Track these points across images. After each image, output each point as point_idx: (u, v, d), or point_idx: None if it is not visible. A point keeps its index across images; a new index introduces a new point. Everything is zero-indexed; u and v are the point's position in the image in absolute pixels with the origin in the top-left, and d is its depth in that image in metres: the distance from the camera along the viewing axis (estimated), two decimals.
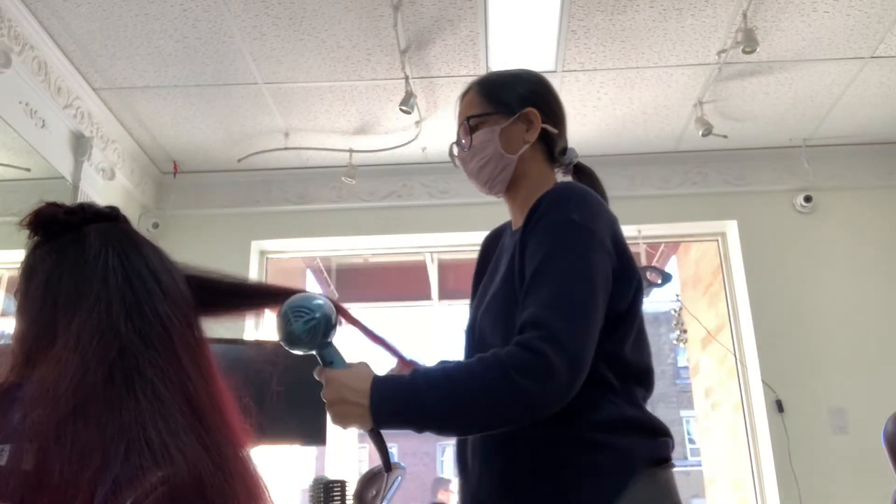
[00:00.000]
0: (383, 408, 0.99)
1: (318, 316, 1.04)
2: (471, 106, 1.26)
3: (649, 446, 1.09)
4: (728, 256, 3.73)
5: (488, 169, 1.23)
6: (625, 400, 1.09)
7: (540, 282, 1.04)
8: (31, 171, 2.83)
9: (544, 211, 1.11)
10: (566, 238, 1.07)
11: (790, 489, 3.18)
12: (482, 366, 0.99)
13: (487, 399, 0.97)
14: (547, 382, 0.96)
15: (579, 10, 2.64)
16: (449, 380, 0.99)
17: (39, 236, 0.90)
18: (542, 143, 1.25)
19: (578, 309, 1.01)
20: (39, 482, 0.68)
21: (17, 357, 0.81)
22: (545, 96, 1.27)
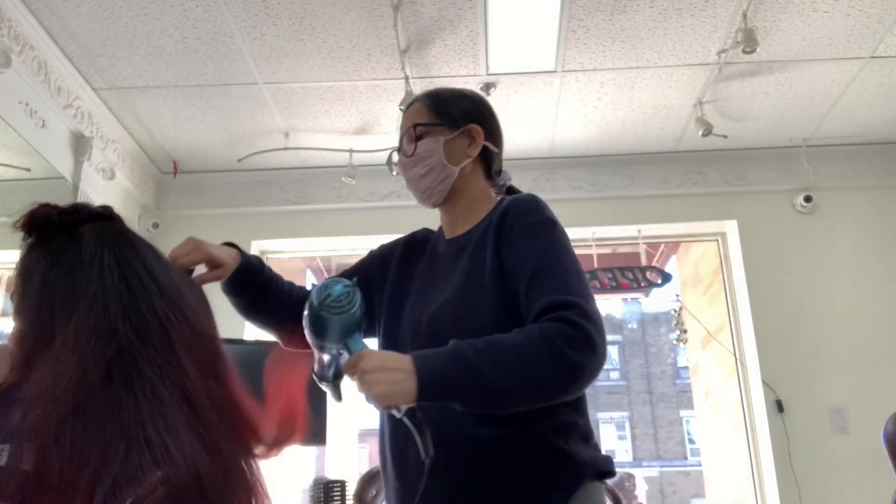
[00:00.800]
0: (431, 372, 0.98)
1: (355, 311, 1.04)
2: (418, 115, 1.30)
3: (598, 458, 1.12)
4: (728, 256, 3.73)
5: (430, 178, 1.27)
6: (575, 409, 1.13)
7: (550, 273, 1.09)
8: (31, 171, 2.83)
9: (519, 215, 1.17)
10: (556, 236, 1.15)
11: (790, 489, 3.18)
12: (528, 337, 1.01)
13: (541, 369, 0.99)
14: (591, 354, 1.00)
15: (579, 10, 2.64)
16: (498, 349, 1.00)
17: (34, 238, 0.89)
18: (482, 160, 1.31)
19: (590, 293, 1.09)
20: (39, 482, 0.68)
21: (16, 358, 0.81)
22: (487, 117, 1.32)
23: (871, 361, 3.35)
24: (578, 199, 3.68)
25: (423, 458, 0.99)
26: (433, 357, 1.00)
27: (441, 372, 0.98)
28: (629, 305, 20.17)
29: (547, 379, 1.00)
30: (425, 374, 0.97)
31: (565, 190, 3.69)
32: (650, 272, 3.59)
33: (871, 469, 2.71)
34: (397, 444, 1.16)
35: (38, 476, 0.68)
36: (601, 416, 20.02)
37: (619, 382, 20.29)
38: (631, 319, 20.94)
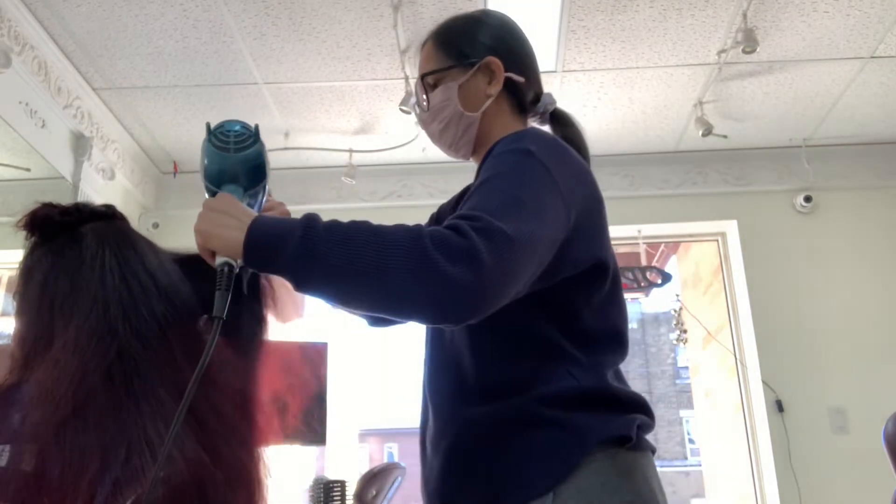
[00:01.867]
0: (262, 231, 0.82)
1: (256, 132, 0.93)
2: (428, 60, 1.14)
3: (610, 423, 0.94)
4: (728, 256, 3.73)
5: (450, 131, 1.11)
6: (586, 371, 0.96)
7: (479, 192, 0.89)
8: (31, 171, 2.83)
9: (503, 144, 0.98)
10: (517, 163, 0.93)
11: (790, 489, 3.18)
12: (405, 227, 0.82)
13: (392, 265, 0.77)
14: (468, 270, 0.77)
15: (579, 10, 2.64)
16: (354, 230, 0.82)
17: (36, 237, 0.89)
18: (509, 94, 1.11)
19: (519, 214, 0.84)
20: (39, 484, 0.68)
21: (16, 359, 0.81)
22: (508, 41, 1.13)
23: (871, 361, 3.35)
24: None
25: (213, 316, 0.81)
26: (279, 219, 0.85)
27: (273, 233, 0.82)
28: (629, 305, 20.15)
29: (397, 280, 0.77)
30: (255, 230, 0.82)
31: None
32: (650, 272, 3.59)
33: (871, 469, 2.71)
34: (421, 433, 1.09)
35: (38, 477, 0.68)
36: None
37: None
38: (631, 319, 20.90)
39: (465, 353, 1.00)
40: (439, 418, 1.02)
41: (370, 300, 0.82)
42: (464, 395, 0.99)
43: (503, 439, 0.94)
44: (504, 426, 0.94)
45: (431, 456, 1.02)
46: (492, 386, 0.97)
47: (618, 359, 1.03)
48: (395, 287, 0.78)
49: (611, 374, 1.01)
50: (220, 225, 0.85)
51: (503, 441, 0.94)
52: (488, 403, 0.95)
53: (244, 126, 0.95)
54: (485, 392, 0.97)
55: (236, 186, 0.94)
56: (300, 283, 0.82)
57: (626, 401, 0.98)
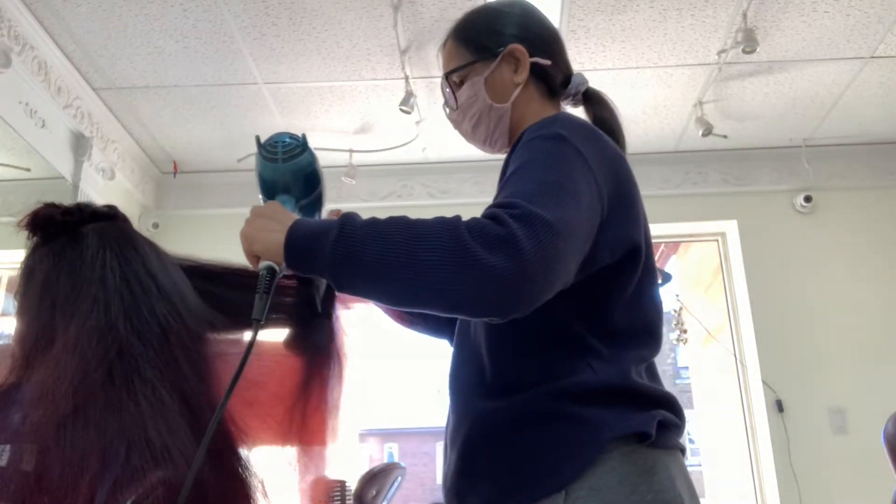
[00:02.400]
0: (302, 231, 0.83)
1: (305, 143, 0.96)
2: (450, 58, 1.12)
3: (627, 418, 0.89)
4: (728, 256, 3.73)
5: (483, 126, 1.09)
6: (608, 365, 0.91)
7: (514, 180, 0.87)
8: (31, 171, 2.83)
9: (532, 131, 0.95)
10: (546, 146, 0.90)
11: (790, 489, 3.18)
12: (441, 219, 0.81)
13: (430, 258, 0.76)
14: (508, 258, 0.74)
15: (579, 10, 2.64)
16: (388, 224, 0.82)
17: (38, 237, 0.90)
18: (538, 79, 1.09)
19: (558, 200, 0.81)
20: (39, 483, 0.68)
21: (17, 358, 0.81)
22: (530, 26, 1.10)
23: (871, 361, 3.35)
24: None
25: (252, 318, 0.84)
26: (319, 221, 0.85)
27: (311, 234, 0.82)
28: None
29: (434, 273, 0.76)
30: (294, 231, 0.83)
31: None
32: None
33: (871, 469, 2.71)
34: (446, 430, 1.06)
35: (38, 477, 0.68)
36: None
37: None
38: None
39: (483, 347, 0.97)
40: (456, 414, 1.00)
41: (410, 296, 0.80)
42: (480, 390, 0.96)
43: (515, 434, 0.90)
44: (516, 421, 0.91)
45: (449, 452, 1.00)
46: (508, 380, 0.94)
47: (647, 353, 0.99)
48: (433, 280, 0.76)
49: (637, 370, 0.96)
50: (264, 229, 0.86)
51: (515, 436, 0.90)
52: (503, 398, 0.92)
53: (292, 136, 0.97)
54: (501, 386, 0.94)
55: (288, 196, 0.97)
56: (340, 283, 0.82)
57: (647, 396, 0.93)
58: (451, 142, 3.40)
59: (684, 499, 0.89)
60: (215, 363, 0.89)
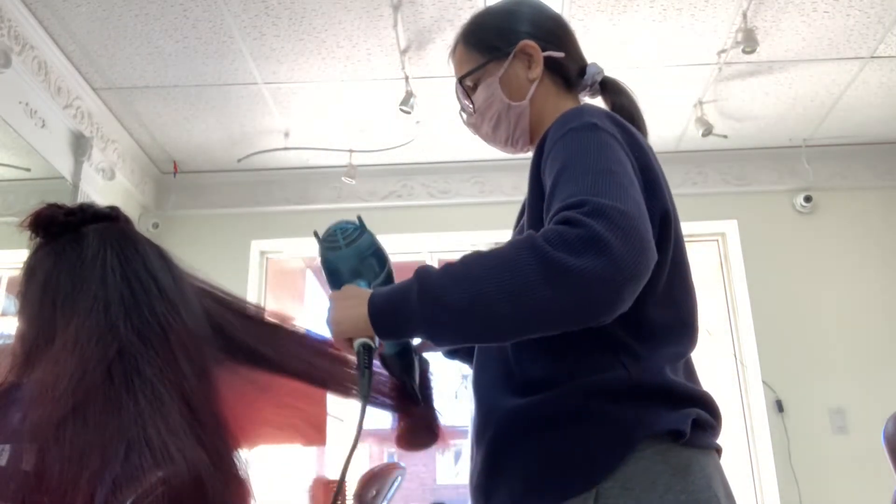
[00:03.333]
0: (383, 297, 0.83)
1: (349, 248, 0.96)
2: (461, 63, 1.10)
3: (660, 416, 0.86)
4: (728, 256, 3.73)
5: (503, 127, 1.08)
6: (642, 362, 0.89)
7: (566, 180, 0.84)
8: (31, 171, 2.83)
9: (555, 130, 0.93)
10: (585, 137, 0.88)
11: (790, 489, 3.18)
12: (511, 246, 0.78)
13: (519, 281, 0.74)
14: (596, 256, 0.73)
15: (579, 10, 2.64)
16: (464, 264, 0.80)
17: (40, 237, 0.90)
18: (553, 73, 1.08)
19: (615, 190, 0.79)
20: (39, 482, 0.68)
21: (17, 357, 0.82)
22: (540, 21, 1.09)
23: (871, 361, 3.35)
24: None
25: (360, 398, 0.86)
26: (396, 284, 0.85)
27: (393, 297, 0.82)
28: None
29: (529, 292, 0.74)
30: (375, 298, 0.84)
31: None
32: None
33: (871, 469, 2.71)
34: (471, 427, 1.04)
35: (38, 476, 0.68)
36: None
37: None
38: None
39: (510, 345, 0.94)
40: (481, 412, 0.97)
41: (516, 327, 0.79)
42: (507, 388, 0.94)
43: (544, 432, 0.88)
44: (546, 419, 0.88)
45: (475, 450, 0.98)
46: (536, 378, 0.91)
47: (683, 350, 0.97)
48: (533, 304, 0.75)
49: (672, 367, 0.93)
50: (345, 308, 0.87)
51: (544, 434, 0.88)
52: (532, 396, 0.89)
53: (348, 222, 0.99)
54: (528, 383, 0.91)
55: (360, 280, 0.97)
56: (436, 337, 0.82)
57: (682, 394, 0.90)
58: (451, 142, 3.40)
59: (720, 499, 0.86)
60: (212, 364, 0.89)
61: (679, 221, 0.97)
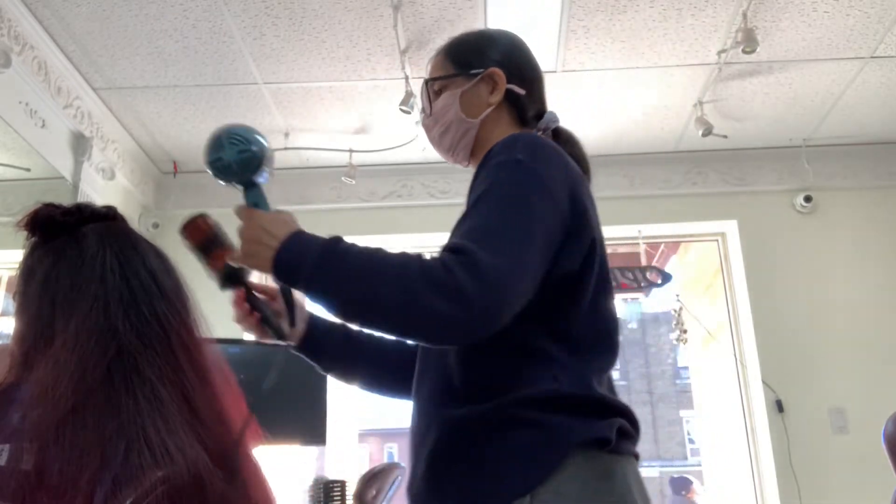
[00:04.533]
0: (290, 252, 0.93)
1: (254, 149, 1.01)
2: (435, 69, 1.20)
3: (589, 425, 0.94)
4: (728, 256, 3.73)
5: (450, 135, 1.16)
6: (570, 375, 0.97)
7: (469, 216, 0.94)
8: (31, 171, 2.83)
9: (497, 150, 1.01)
10: (506, 178, 0.96)
11: (790, 489, 3.18)
12: (401, 260, 0.89)
13: (390, 299, 0.87)
14: (448, 303, 0.84)
15: (579, 10, 2.64)
16: (363, 258, 0.91)
17: (37, 237, 0.90)
18: (511, 105, 1.15)
19: (508, 246, 0.89)
20: (39, 482, 0.68)
21: (16, 357, 0.81)
22: (514, 56, 1.17)
23: (870, 361, 3.35)
24: None
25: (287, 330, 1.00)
26: (308, 241, 0.95)
27: (300, 256, 0.93)
28: (629, 305, 20.17)
29: (392, 313, 0.87)
30: (284, 251, 0.93)
31: None
32: (650, 272, 3.59)
33: (871, 469, 2.71)
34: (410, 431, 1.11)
35: (38, 476, 0.68)
36: None
37: (619, 382, 20.19)
38: (631, 319, 20.93)
39: (451, 355, 1.01)
40: (422, 421, 1.03)
41: (372, 327, 0.93)
42: (447, 397, 1.00)
43: (482, 440, 0.94)
44: (483, 427, 0.95)
45: (415, 458, 1.03)
46: (474, 387, 0.98)
47: (606, 364, 1.05)
48: (384, 314, 0.88)
49: (597, 380, 1.01)
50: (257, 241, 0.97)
51: (483, 442, 0.94)
52: (469, 405, 0.96)
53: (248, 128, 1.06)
54: (467, 393, 0.98)
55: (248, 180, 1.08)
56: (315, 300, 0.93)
57: (607, 405, 0.98)
58: None
59: (637, 500, 0.94)
60: (214, 364, 0.89)
61: (604, 245, 1.06)
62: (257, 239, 0.95)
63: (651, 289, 3.73)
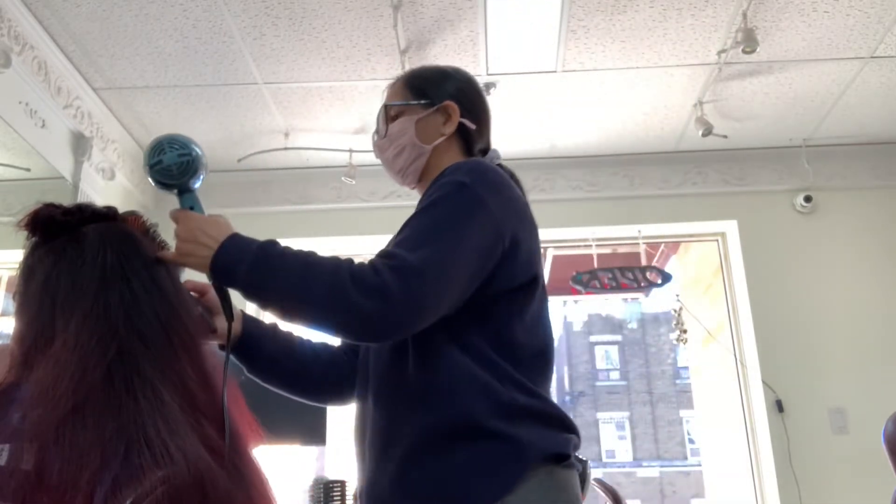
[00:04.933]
0: (227, 256, 0.99)
1: (192, 155, 1.08)
2: (394, 95, 1.29)
3: (550, 439, 1.03)
4: (728, 256, 3.73)
5: (402, 158, 1.24)
6: (517, 387, 1.04)
7: (408, 226, 1.04)
8: (31, 171, 2.83)
9: (449, 172, 1.11)
10: (449, 196, 1.05)
11: (790, 489, 3.18)
12: (334, 263, 0.97)
13: (322, 294, 0.94)
14: (378, 305, 0.92)
15: (579, 10, 2.64)
16: (298, 260, 0.98)
17: (38, 237, 0.89)
18: (462, 138, 1.25)
19: (436, 258, 0.97)
20: (39, 482, 0.68)
21: (16, 357, 0.81)
22: (469, 94, 1.27)
23: (871, 361, 3.35)
24: (578, 199, 3.68)
25: None
26: (245, 243, 1.00)
27: (234, 258, 0.98)
28: (629, 305, 20.17)
29: (320, 308, 0.95)
30: (222, 250, 0.99)
31: (565, 190, 3.69)
32: (650, 272, 3.59)
33: (871, 469, 2.71)
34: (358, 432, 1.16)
35: (38, 476, 0.68)
36: (601, 416, 20.00)
37: (619, 382, 20.27)
38: (631, 319, 20.93)
39: (409, 359, 1.06)
40: (388, 422, 1.07)
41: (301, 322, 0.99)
42: (414, 402, 1.05)
43: (450, 451, 1.00)
44: (452, 438, 1.01)
45: (376, 464, 1.06)
46: (435, 397, 1.03)
47: (547, 377, 1.12)
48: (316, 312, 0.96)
49: (545, 391, 1.09)
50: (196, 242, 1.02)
51: (450, 453, 1.00)
52: (436, 415, 1.02)
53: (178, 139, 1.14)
54: (429, 403, 1.03)
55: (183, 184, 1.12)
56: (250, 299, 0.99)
57: (561, 419, 1.07)
58: None
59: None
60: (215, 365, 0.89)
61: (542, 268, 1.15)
62: (194, 239, 1.00)
63: (651, 289, 3.73)
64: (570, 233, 3.71)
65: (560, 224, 3.64)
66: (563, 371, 20.02)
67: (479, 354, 1.04)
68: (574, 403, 19.99)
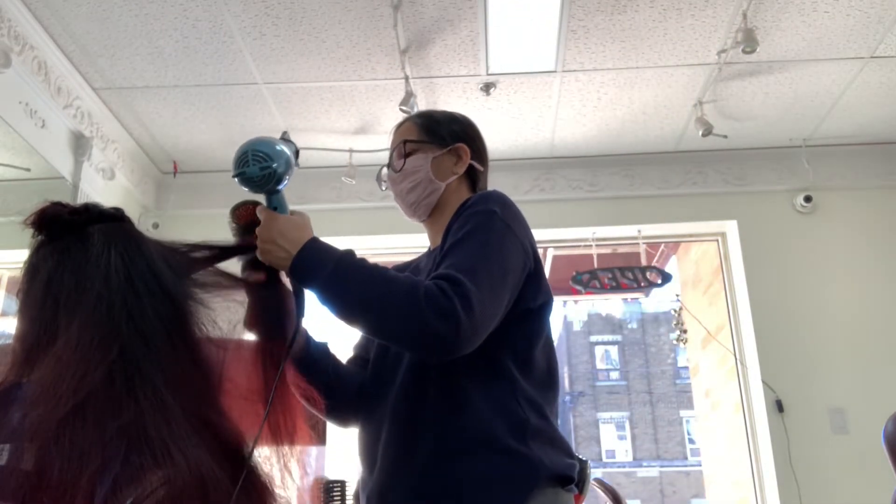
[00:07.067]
0: (307, 261, 1.07)
1: (274, 166, 1.12)
2: (408, 133, 1.36)
3: (557, 461, 1.11)
4: (728, 256, 3.73)
5: (417, 192, 1.32)
6: (532, 406, 1.13)
7: (458, 250, 1.11)
8: (31, 171, 2.83)
9: (469, 205, 1.20)
10: (486, 224, 1.15)
11: (790, 489, 3.18)
12: (409, 284, 1.04)
13: (397, 311, 1.02)
14: (450, 329, 1.00)
15: (579, 10, 2.64)
16: (376, 274, 1.05)
17: (43, 236, 0.89)
18: (468, 178, 1.36)
19: (489, 283, 1.06)
20: (39, 482, 0.68)
21: (18, 356, 0.81)
22: (475, 138, 1.38)
23: (870, 361, 3.35)
24: (578, 199, 3.68)
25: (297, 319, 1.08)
26: (323, 249, 1.08)
27: (314, 264, 1.06)
28: (629, 305, 20.16)
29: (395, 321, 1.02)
30: (300, 259, 1.06)
31: (565, 190, 3.69)
32: (650, 272, 3.59)
33: (871, 469, 2.71)
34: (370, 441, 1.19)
35: (38, 476, 0.68)
36: (601, 416, 20.01)
37: (619, 382, 20.28)
38: (631, 319, 20.94)
39: (433, 378, 1.12)
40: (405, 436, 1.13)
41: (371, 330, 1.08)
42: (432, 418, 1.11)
43: (467, 462, 1.08)
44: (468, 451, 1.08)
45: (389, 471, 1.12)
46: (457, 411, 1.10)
47: (556, 395, 1.21)
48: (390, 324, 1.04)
49: (552, 411, 1.17)
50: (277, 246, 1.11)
51: (467, 464, 1.08)
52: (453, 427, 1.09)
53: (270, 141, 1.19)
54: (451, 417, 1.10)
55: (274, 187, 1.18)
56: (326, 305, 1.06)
57: (567, 445, 1.16)
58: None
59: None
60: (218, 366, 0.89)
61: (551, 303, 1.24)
62: (272, 240, 1.09)
63: (651, 289, 3.73)
64: (570, 233, 3.71)
65: (560, 224, 3.64)
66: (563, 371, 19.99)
67: (501, 371, 1.12)
68: (574, 403, 20.00)
